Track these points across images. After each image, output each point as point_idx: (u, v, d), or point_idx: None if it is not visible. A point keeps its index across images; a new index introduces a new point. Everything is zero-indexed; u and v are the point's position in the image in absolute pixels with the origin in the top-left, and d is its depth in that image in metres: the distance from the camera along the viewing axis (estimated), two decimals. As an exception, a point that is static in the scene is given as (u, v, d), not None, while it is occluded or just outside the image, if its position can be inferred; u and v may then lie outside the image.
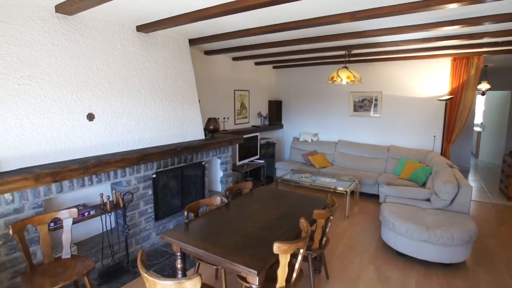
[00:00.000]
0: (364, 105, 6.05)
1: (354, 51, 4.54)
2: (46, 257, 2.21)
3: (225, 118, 5.40)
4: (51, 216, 2.24)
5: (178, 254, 2.22)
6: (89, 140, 2.86)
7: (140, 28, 3.22)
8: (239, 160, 5.13)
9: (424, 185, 4.51)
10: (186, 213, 2.47)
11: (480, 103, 8.88)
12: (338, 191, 4.43)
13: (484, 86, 6.26)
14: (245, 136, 4.98)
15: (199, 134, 4.11)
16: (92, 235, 3.08)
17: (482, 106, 8.83)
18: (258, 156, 5.68)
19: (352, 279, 2.86)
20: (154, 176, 3.33)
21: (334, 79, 4.35)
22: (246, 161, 5.34)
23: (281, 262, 1.82)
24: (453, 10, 2.51)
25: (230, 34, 3.45)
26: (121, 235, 3.04)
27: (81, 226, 2.92)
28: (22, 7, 2.39)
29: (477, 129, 8.81)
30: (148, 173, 3.26)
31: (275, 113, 6.74)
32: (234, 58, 5.52)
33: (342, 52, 4.53)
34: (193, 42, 3.92)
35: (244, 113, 6.02)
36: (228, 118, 5.50)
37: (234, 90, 5.67)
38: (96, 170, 2.64)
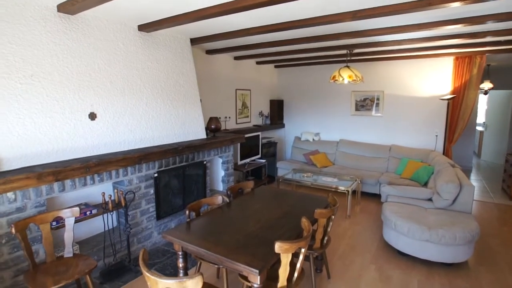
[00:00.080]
0: (365, 104, 6.04)
1: (356, 50, 4.53)
2: (49, 255, 2.22)
3: (226, 117, 5.40)
4: (53, 215, 2.25)
5: (180, 253, 2.22)
6: (91, 139, 2.86)
7: (141, 27, 3.23)
8: (241, 159, 5.13)
9: (426, 184, 4.50)
10: (187, 212, 2.48)
11: (482, 103, 8.84)
12: (340, 191, 4.42)
13: (486, 85, 6.24)
14: (246, 135, 4.98)
15: (201, 133, 4.11)
16: (94, 234, 3.09)
17: (485, 105, 8.78)
18: (259, 155, 5.68)
19: (353, 279, 2.86)
20: (155, 175, 3.33)
21: (336, 79, 4.35)
22: (248, 160, 5.34)
23: (282, 262, 1.82)
24: (455, 8, 2.49)
25: (232, 34, 3.45)
26: (123, 234, 3.05)
27: (83, 225, 2.94)
28: (25, 7, 2.39)
29: (479, 128, 8.77)
30: (149, 172, 3.27)
31: (277, 112, 6.73)
32: (236, 57, 5.52)
33: (344, 51, 4.52)
34: (194, 41, 3.92)
35: (245, 112, 6.02)
36: (229, 117, 5.50)
37: (236, 90, 5.67)
38: (98, 169, 2.65)
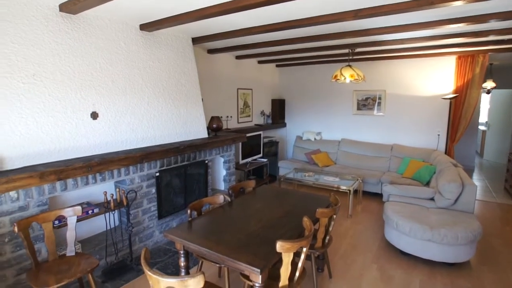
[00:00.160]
0: (367, 103, 6.02)
1: (358, 50, 4.52)
2: (51, 254, 2.23)
3: (228, 116, 5.40)
4: (56, 214, 2.26)
5: (181, 252, 2.23)
6: (93, 138, 2.87)
7: (143, 26, 3.23)
8: (242, 158, 5.13)
9: (428, 184, 4.48)
10: (189, 211, 2.48)
11: (485, 102, 8.80)
12: (341, 190, 4.42)
13: (489, 84, 6.20)
14: (248, 134, 4.98)
15: (202, 132, 4.11)
16: (96, 233, 3.10)
17: (487, 104, 8.73)
18: (261, 154, 5.68)
19: (355, 278, 2.86)
20: (157, 174, 3.34)
21: (338, 78, 4.34)
22: (249, 159, 5.34)
23: (284, 261, 1.82)
24: (458, 7, 2.48)
25: (233, 33, 3.45)
26: (124, 233, 3.05)
27: (85, 224, 2.95)
28: (27, 6, 2.40)
29: (482, 128, 8.73)
30: (151, 171, 3.28)
31: (278, 111, 6.72)
32: (237, 57, 5.52)
33: (346, 50, 4.51)
34: (196, 40, 3.92)
35: (247, 111, 6.02)
36: (231, 116, 5.50)
37: (237, 89, 5.67)
38: (100, 168, 2.66)
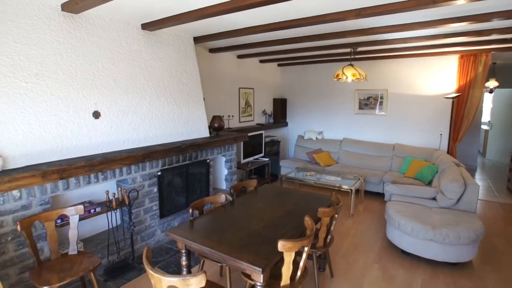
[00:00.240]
0: (369, 103, 6.01)
1: (360, 49, 4.50)
2: (53, 253, 2.24)
3: (229, 116, 5.40)
4: (58, 212, 2.27)
5: (183, 251, 2.23)
6: (95, 137, 2.88)
7: (145, 26, 3.23)
8: (244, 158, 5.13)
9: (430, 183, 4.47)
10: (191, 210, 2.48)
11: (487, 101, 8.76)
12: (343, 189, 4.41)
13: (492, 83, 6.17)
14: (249, 134, 4.98)
15: (204, 132, 4.12)
16: (98, 232, 3.11)
17: (490, 104, 8.70)
18: (262, 154, 5.68)
19: (356, 278, 2.86)
20: (159, 173, 3.34)
21: (340, 77, 4.33)
22: (251, 159, 5.34)
23: (285, 260, 1.82)
24: (461, 6, 2.47)
25: (235, 32, 3.44)
26: (126, 232, 3.06)
27: (87, 223, 2.95)
28: (29, 6, 2.41)
29: (484, 127, 8.69)
30: (153, 170, 3.28)
31: (280, 111, 6.72)
32: (239, 56, 5.51)
33: (348, 49, 4.49)
34: (198, 40, 3.92)
35: (248, 111, 6.02)
36: (232, 116, 5.50)
37: (239, 88, 5.67)
38: (101, 167, 2.66)
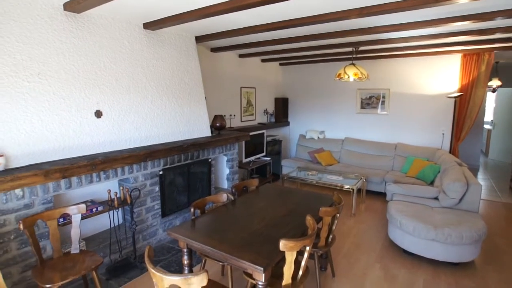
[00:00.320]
0: (371, 102, 5.99)
1: (362, 48, 4.49)
2: (56, 251, 2.25)
3: (231, 115, 5.40)
4: (60, 211, 2.28)
5: (185, 250, 2.23)
6: (97, 137, 2.89)
7: (147, 25, 3.24)
8: (245, 157, 5.13)
9: (432, 183, 4.45)
10: (192, 209, 2.49)
11: (490, 100, 8.72)
12: (345, 189, 4.41)
13: (495, 83, 6.15)
14: (251, 133, 4.98)
15: (206, 131, 4.12)
16: (100, 231, 3.12)
17: (493, 103, 8.65)
18: (264, 153, 5.68)
19: (358, 277, 2.85)
20: (161, 172, 3.35)
21: (341, 76, 4.32)
22: (253, 158, 5.34)
23: (287, 259, 1.82)
24: (463, 5, 2.46)
25: (237, 31, 3.44)
26: (128, 231, 3.07)
27: (89, 222, 2.97)
28: (31, 5, 2.41)
29: (487, 126, 8.65)
30: (155, 169, 3.29)
31: (282, 110, 6.71)
32: (241, 55, 5.51)
33: (350, 48, 4.48)
34: (199, 39, 3.92)
35: (250, 110, 6.02)
36: (234, 115, 5.50)
37: (241, 87, 5.67)
38: (104, 166, 2.67)
